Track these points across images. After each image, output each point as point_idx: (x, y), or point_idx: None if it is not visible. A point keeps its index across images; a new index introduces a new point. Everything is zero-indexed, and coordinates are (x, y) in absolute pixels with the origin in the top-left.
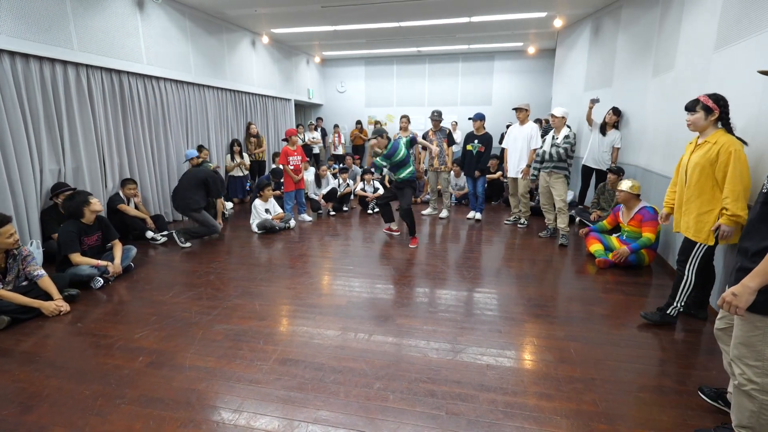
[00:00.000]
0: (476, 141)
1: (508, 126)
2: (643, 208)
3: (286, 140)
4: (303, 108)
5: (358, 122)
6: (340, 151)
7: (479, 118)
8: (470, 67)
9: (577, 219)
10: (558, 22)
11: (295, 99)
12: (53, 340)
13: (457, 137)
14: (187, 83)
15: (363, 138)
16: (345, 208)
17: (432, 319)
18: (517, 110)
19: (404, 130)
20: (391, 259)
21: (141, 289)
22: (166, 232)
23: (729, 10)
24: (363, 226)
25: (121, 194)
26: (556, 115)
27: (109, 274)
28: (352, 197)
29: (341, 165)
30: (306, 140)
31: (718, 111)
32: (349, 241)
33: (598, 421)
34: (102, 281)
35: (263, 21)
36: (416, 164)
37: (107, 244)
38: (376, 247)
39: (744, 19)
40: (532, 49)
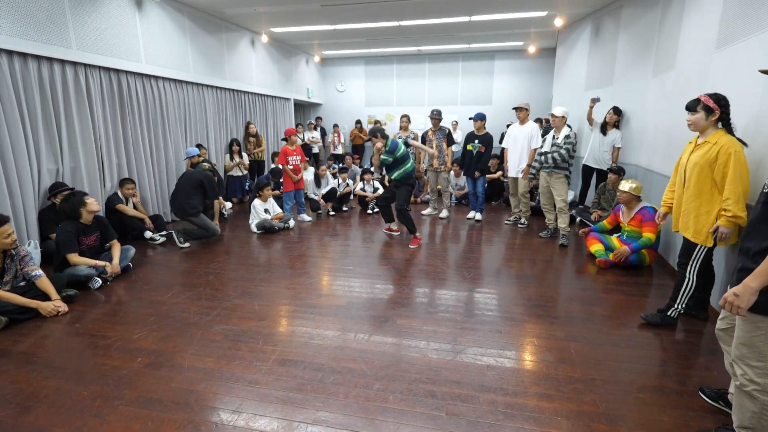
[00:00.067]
0: (476, 141)
1: (509, 125)
2: (644, 208)
3: (286, 140)
4: (302, 107)
5: (358, 122)
6: (339, 150)
7: (480, 118)
8: (470, 66)
9: (578, 219)
10: (558, 22)
11: (294, 98)
12: (51, 341)
13: (458, 137)
14: (186, 82)
15: (363, 137)
16: (344, 208)
17: (432, 319)
18: (517, 110)
19: (404, 129)
20: (390, 259)
21: (139, 290)
22: (164, 232)
23: (730, 10)
24: (363, 226)
25: (120, 194)
26: (556, 114)
27: (108, 274)
28: (351, 197)
29: (341, 165)
30: (305, 140)
31: (718, 111)
32: (349, 241)
33: (599, 422)
34: (100, 281)
35: (262, 20)
36: (416, 164)
37: (106, 245)
38: (375, 247)
39: (745, 19)
40: (532, 49)
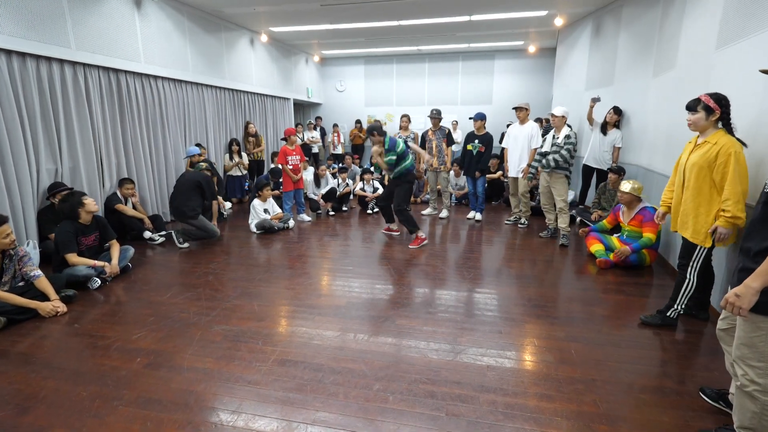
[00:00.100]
0: (476, 141)
1: (509, 125)
2: (644, 208)
3: (285, 140)
4: (302, 107)
5: (358, 121)
6: (339, 150)
7: (480, 117)
8: (470, 66)
9: (578, 219)
10: (559, 21)
11: (294, 98)
12: (50, 341)
13: (458, 137)
14: (185, 82)
15: (362, 137)
16: (344, 208)
17: (432, 319)
18: (517, 109)
19: (404, 129)
20: (390, 259)
21: (139, 290)
22: (164, 232)
23: (730, 9)
24: (362, 226)
25: (119, 194)
26: (556, 114)
27: (107, 274)
28: (351, 197)
29: (340, 164)
30: (305, 140)
31: (719, 111)
32: (349, 241)
33: (599, 423)
34: (99, 282)
35: (262, 19)
36: (416, 163)
37: (105, 245)
38: (375, 247)
39: (746, 18)
40: (532, 48)
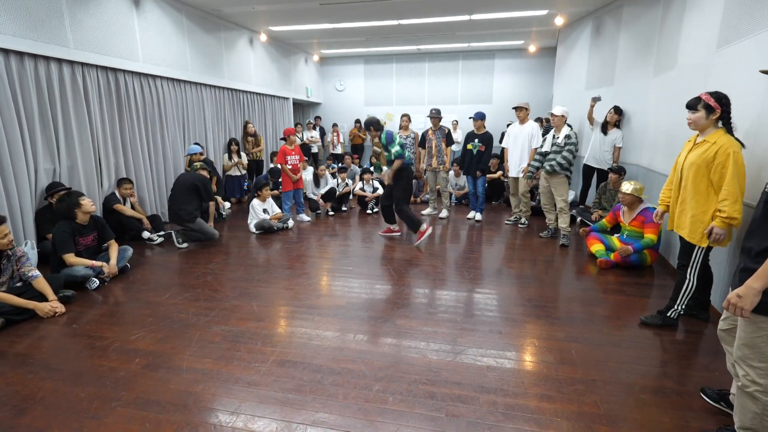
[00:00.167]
0: (476, 140)
1: (509, 125)
2: (646, 209)
3: (284, 139)
4: (301, 107)
5: (357, 121)
6: (338, 150)
7: (480, 117)
8: (470, 65)
9: (579, 219)
10: (559, 20)
11: (293, 98)
12: (48, 342)
13: (458, 136)
14: (184, 82)
15: (362, 137)
16: (344, 208)
17: (432, 320)
18: (517, 109)
19: (405, 129)
20: (390, 259)
21: (137, 290)
22: (162, 233)
23: (731, 8)
24: (362, 226)
25: (117, 194)
26: (555, 113)
27: (105, 274)
28: (351, 197)
29: (340, 164)
30: (304, 139)
31: (719, 110)
32: (348, 241)
33: (600, 423)
34: (98, 282)
35: (261, 19)
36: (417, 163)
37: (103, 245)
38: (375, 247)
39: (747, 17)
40: (532, 48)
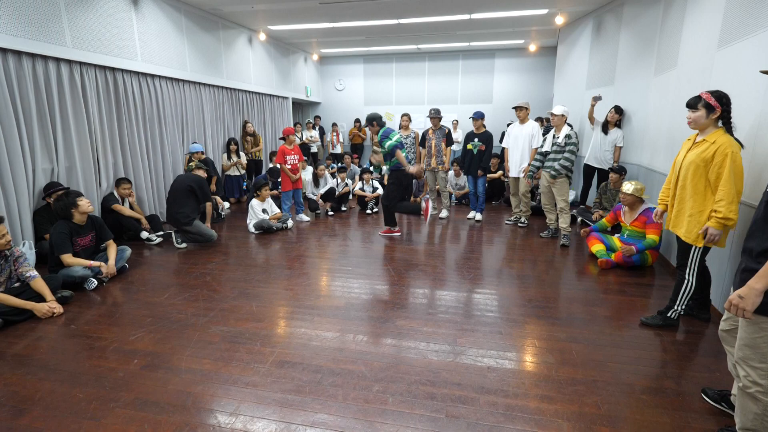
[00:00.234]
0: (476, 140)
1: (509, 124)
2: (648, 209)
3: (284, 139)
4: (301, 106)
5: (357, 120)
6: (338, 150)
7: (479, 116)
8: (471, 64)
9: (579, 219)
10: (559, 20)
11: (292, 97)
12: (46, 343)
13: (458, 136)
14: (183, 81)
15: (362, 137)
16: (343, 208)
17: (432, 320)
18: (517, 109)
19: (405, 128)
20: (390, 259)
21: (136, 291)
22: (161, 233)
23: (733, 7)
24: (362, 226)
25: (116, 194)
26: (555, 113)
27: (103, 275)
28: (350, 197)
29: (339, 164)
30: (303, 139)
31: (719, 109)
32: (348, 241)
33: (600, 424)
34: (96, 282)
35: (260, 18)
36: (417, 163)
37: (101, 245)
38: (375, 247)
39: (748, 16)
40: (533, 47)
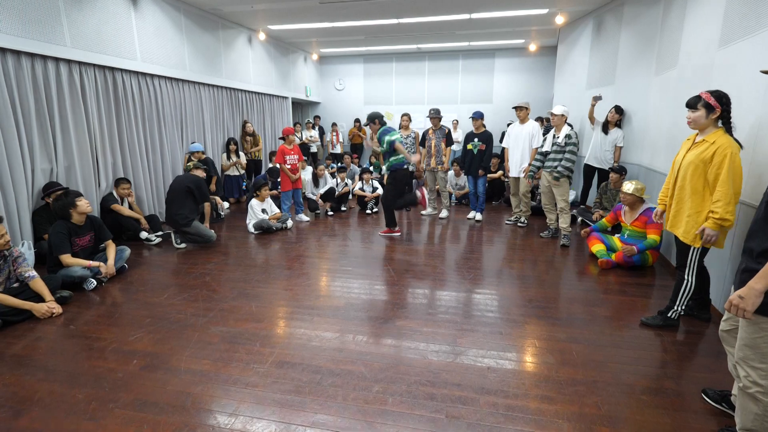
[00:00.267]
0: (476, 139)
1: (509, 124)
2: (648, 209)
3: (283, 139)
4: (300, 106)
5: (357, 120)
6: (338, 149)
7: (478, 116)
8: (471, 64)
9: (579, 219)
10: (560, 19)
11: (292, 97)
12: (45, 343)
13: (458, 136)
14: (182, 81)
15: (361, 136)
16: (343, 208)
17: (432, 320)
18: (517, 109)
19: (405, 128)
20: (390, 259)
21: (135, 291)
22: (160, 233)
23: (734, 6)
24: (361, 226)
25: (115, 194)
26: (555, 113)
27: (102, 275)
28: (350, 197)
29: (339, 164)
30: (303, 139)
31: (719, 109)
32: (348, 241)
33: (601, 425)
34: (95, 282)
35: (259, 17)
36: (417, 163)
37: (100, 245)
38: (375, 247)
39: (749, 15)
40: (533, 47)
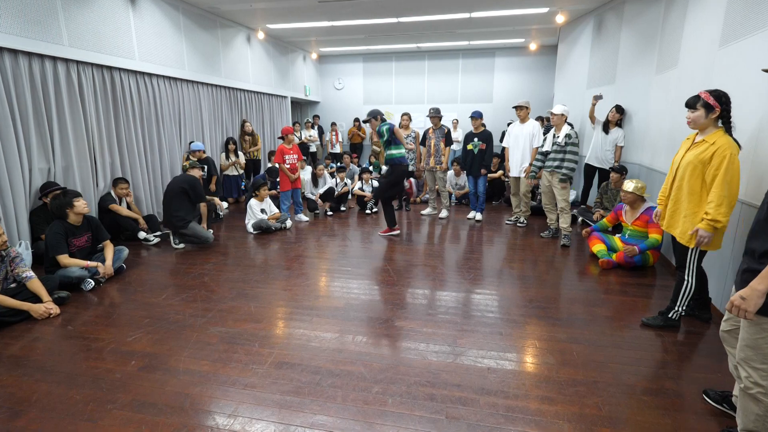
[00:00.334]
0: (476, 139)
1: (509, 124)
2: (650, 208)
3: (282, 138)
4: (299, 105)
5: (356, 120)
6: (337, 149)
7: (478, 116)
8: (471, 63)
9: (580, 219)
10: (560, 18)
11: (291, 96)
12: (43, 344)
13: (458, 135)
14: (181, 80)
15: (361, 136)
16: (342, 208)
17: (432, 321)
18: (517, 108)
19: (405, 128)
20: (390, 260)
21: (133, 291)
22: (158, 233)
23: (734, 5)
24: (361, 226)
25: (113, 194)
26: (555, 112)
27: (100, 275)
28: (349, 197)
29: (339, 164)
30: (302, 138)
31: (719, 109)
32: (347, 241)
33: (601, 425)
34: (93, 283)
35: (258, 16)
36: (417, 162)
37: (98, 245)
38: (374, 247)
39: (751, 14)
40: (533, 46)
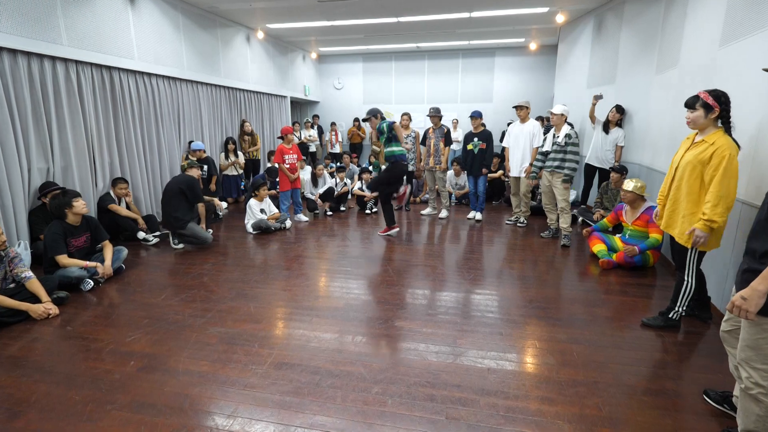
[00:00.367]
0: (476, 139)
1: (509, 124)
2: (650, 207)
3: (282, 138)
4: (299, 105)
5: (356, 120)
6: (337, 149)
7: (477, 115)
8: (470, 63)
9: (580, 219)
10: (560, 18)
11: (291, 96)
12: (42, 344)
13: (458, 135)
14: (180, 80)
15: (361, 136)
16: (342, 208)
17: (431, 321)
18: (517, 108)
19: (405, 128)
20: (389, 260)
21: (132, 292)
22: (158, 233)
23: (735, 4)
24: (361, 226)
25: (112, 194)
26: (555, 112)
27: (99, 275)
28: (349, 197)
29: (338, 164)
30: (302, 138)
31: (718, 109)
32: (347, 241)
33: (602, 426)
34: (92, 283)
35: (258, 16)
36: (417, 162)
37: (97, 246)
38: (374, 247)
39: (751, 14)
40: (533, 46)
